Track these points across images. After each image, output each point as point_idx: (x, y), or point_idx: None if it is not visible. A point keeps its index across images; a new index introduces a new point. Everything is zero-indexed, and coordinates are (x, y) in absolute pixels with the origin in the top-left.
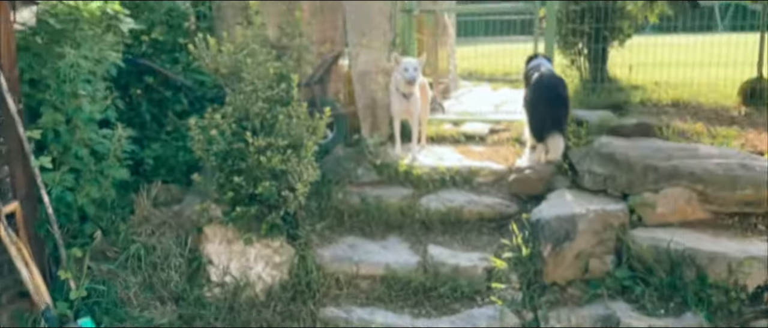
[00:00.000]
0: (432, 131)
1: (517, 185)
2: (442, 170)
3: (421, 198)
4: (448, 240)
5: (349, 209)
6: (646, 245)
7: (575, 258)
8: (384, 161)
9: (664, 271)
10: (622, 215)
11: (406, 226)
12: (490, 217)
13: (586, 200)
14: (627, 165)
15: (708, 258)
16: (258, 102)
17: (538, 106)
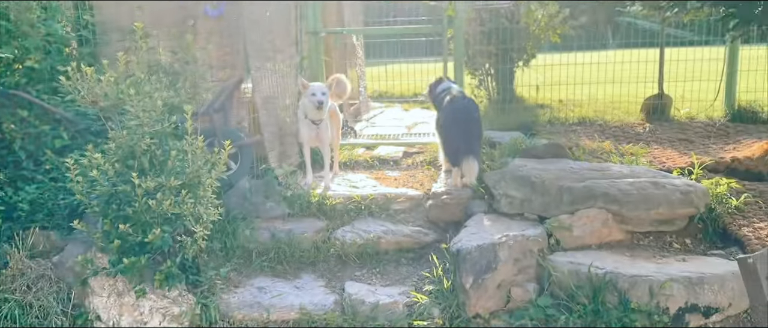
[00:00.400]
0: (345, 157)
1: (434, 211)
2: (357, 198)
3: (336, 230)
4: (367, 274)
5: (258, 246)
6: (567, 270)
7: (497, 288)
8: (295, 193)
9: (587, 297)
10: (541, 240)
11: (321, 262)
12: (409, 247)
13: (505, 225)
14: (542, 187)
15: (629, 282)
16: (145, 138)
17: (451, 129)
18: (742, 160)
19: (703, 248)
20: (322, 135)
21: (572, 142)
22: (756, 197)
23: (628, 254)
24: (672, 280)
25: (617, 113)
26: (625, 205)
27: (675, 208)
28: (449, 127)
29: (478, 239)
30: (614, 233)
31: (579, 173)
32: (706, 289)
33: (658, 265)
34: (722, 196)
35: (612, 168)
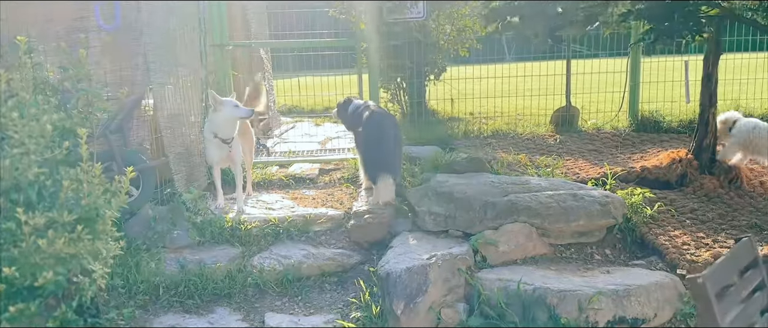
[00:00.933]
0: (258, 176)
1: (357, 231)
2: (274, 221)
3: (253, 257)
4: (288, 304)
5: (166, 280)
6: (496, 287)
7: (428, 311)
8: (205, 218)
9: (517, 315)
10: (468, 258)
11: (237, 293)
12: (332, 271)
13: (431, 243)
14: (466, 203)
15: (558, 297)
16: (32, 167)
17: (371, 146)
18: (651, 170)
19: (624, 258)
20: (233, 155)
21: (490, 155)
22: (668, 205)
23: (554, 268)
24: (600, 293)
25: (528, 125)
26: (547, 218)
27: (594, 219)
28: (369, 144)
29: (406, 261)
30: (538, 246)
31: (501, 187)
32: (632, 301)
33: (585, 278)
34: (637, 205)
35: (531, 181)
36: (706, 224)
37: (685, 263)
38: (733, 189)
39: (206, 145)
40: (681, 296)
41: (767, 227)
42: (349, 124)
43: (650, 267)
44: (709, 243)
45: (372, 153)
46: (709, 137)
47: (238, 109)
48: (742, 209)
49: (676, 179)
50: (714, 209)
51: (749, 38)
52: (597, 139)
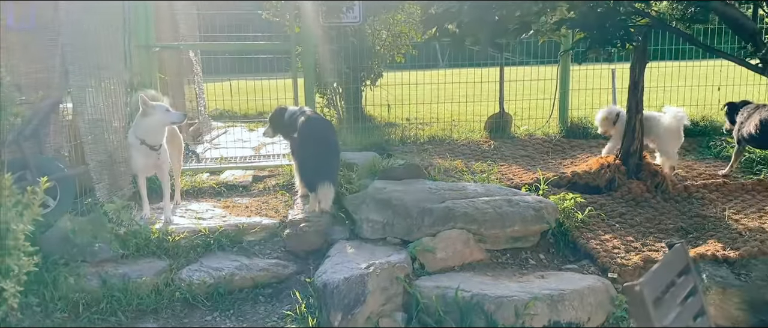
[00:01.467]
0: (187, 184)
1: (293, 240)
2: (205, 231)
3: (181, 270)
4: (219, 318)
5: (86, 296)
6: (434, 295)
7: (366, 321)
8: (130, 229)
9: (455, 322)
10: (406, 265)
11: (165, 308)
12: (267, 282)
13: (369, 251)
14: (404, 210)
15: (495, 303)
16: None
17: (307, 153)
18: (581, 175)
19: (558, 263)
20: (161, 162)
21: (426, 161)
22: (597, 209)
23: (491, 274)
24: (535, 299)
25: (463, 131)
26: (484, 224)
27: (529, 224)
28: (305, 150)
29: (344, 271)
30: (475, 253)
31: (438, 194)
32: (567, 305)
33: (520, 284)
34: (569, 210)
35: (468, 187)
36: (635, 228)
37: (615, 266)
38: (659, 193)
39: (131, 152)
40: (613, 300)
41: (692, 230)
42: (285, 130)
43: (583, 271)
44: (638, 247)
45: (309, 159)
46: (635, 143)
47: (170, 114)
48: (668, 212)
49: (605, 184)
50: (641, 213)
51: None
52: (529, 145)
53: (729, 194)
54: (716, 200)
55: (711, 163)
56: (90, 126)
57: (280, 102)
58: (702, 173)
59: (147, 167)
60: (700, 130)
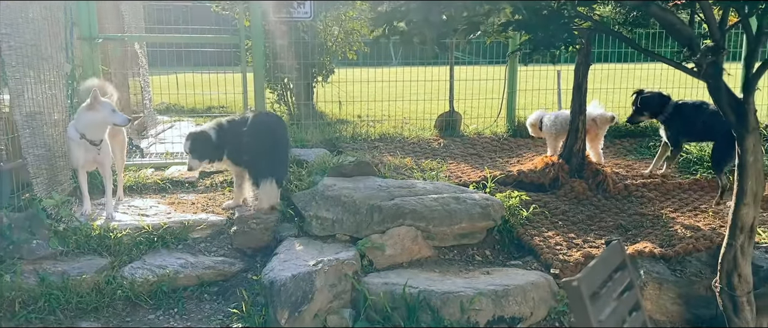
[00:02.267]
0: (130, 179)
1: (240, 238)
2: (148, 228)
3: (123, 268)
4: (163, 317)
5: (23, 295)
6: (382, 292)
7: (313, 319)
8: (69, 226)
9: (402, 318)
10: (355, 262)
11: (106, 307)
12: (213, 280)
13: (317, 249)
14: (353, 207)
15: (441, 299)
16: None
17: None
18: (527, 173)
19: (502, 259)
20: (102, 157)
21: (377, 158)
22: (542, 207)
23: (438, 270)
24: (480, 294)
25: (414, 129)
26: (432, 221)
27: (476, 221)
28: (252, 146)
29: (292, 268)
30: (423, 249)
31: (387, 191)
32: (510, 301)
33: (466, 279)
34: (515, 208)
35: (417, 185)
36: (577, 225)
37: (558, 262)
38: (600, 192)
39: (71, 147)
40: (554, 295)
41: (632, 227)
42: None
43: (526, 267)
44: (580, 243)
45: (257, 156)
46: (578, 143)
47: (115, 115)
48: (609, 210)
49: (549, 182)
50: (583, 210)
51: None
52: (478, 144)
53: (667, 192)
54: (654, 199)
55: (650, 162)
56: (28, 119)
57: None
58: (641, 173)
59: (87, 161)
60: (641, 130)
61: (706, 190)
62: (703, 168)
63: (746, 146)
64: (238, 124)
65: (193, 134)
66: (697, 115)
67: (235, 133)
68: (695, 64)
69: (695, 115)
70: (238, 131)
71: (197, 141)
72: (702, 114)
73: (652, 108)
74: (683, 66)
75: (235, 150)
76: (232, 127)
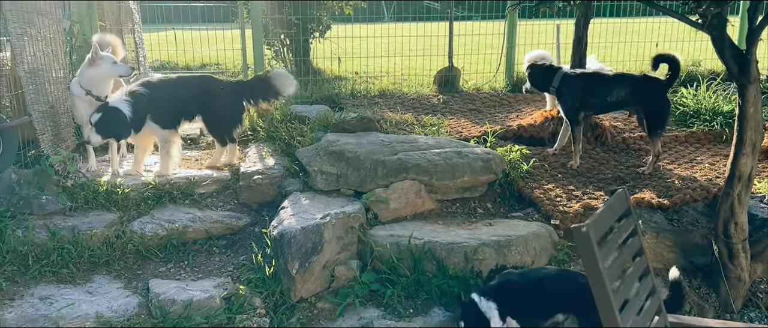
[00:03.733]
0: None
1: (246, 193)
2: (155, 184)
3: (132, 222)
4: (174, 269)
5: (35, 249)
6: (388, 243)
7: (322, 269)
8: (77, 182)
9: (408, 268)
10: (361, 215)
11: (117, 260)
12: (221, 233)
13: (323, 203)
14: (357, 162)
15: (446, 250)
16: None
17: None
18: (526, 128)
19: (504, 211)
20: None
21: (378, 114)
22: (541, 160)
23: (441, 222)
24: (484, 245)
25: (413, 85)
26: (435, 175)
27: (478, 175)
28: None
29: (300, 221)
30: (427, 203)
31: (390, 146)
32: (513, 250)
33: (470, 231)
34: (515, 161)
35: (419, 140)
36: (576, 178)
37: (558, 213)
38: (598, 145)
39: (76, 104)
40: (555, 245)
41: (630, 179)
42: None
43: (527, 219)
44: (579, 195)
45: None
46: None
47: (117, 66)
48: (607, 163)
49: (548, 136)
50: (582, 163)
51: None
52: (477, 99)
53: (664, 145)
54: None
55: None
56: (30, 75)
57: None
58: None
59: (85, 116)
60: None
61: (703, 142)
62: (699, 121)
63: (747, 97)
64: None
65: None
66: (592, 85)
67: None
68: (700, 16)
69: (590, 86)
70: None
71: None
72: (597, 83)
73: (541, 82)
74: (687, 18)
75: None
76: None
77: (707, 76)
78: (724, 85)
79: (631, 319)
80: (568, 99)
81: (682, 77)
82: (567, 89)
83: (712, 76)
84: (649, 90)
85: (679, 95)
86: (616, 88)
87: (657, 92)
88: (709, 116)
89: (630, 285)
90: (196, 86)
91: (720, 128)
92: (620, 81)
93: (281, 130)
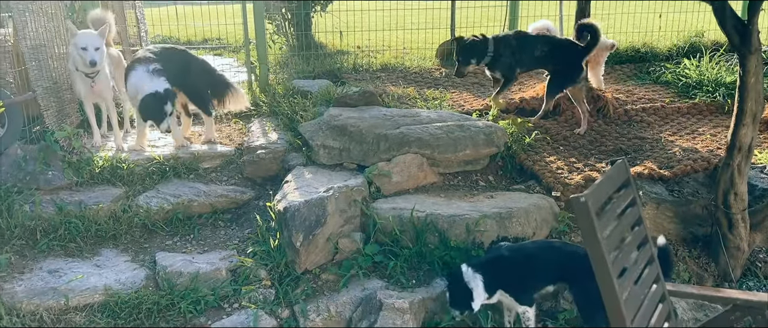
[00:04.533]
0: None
1: (250, 167)
2: (159, 159)
3: (138, 197)
4: (180, 243)
5: (43, 223)
6: (390, 216)
7: (326, 242)
8: (82, 157)
9: (410, 240)
10: (363, 189)
11: (123, 234)
12: (226, 207)
13: (326, 176)
14: (360, 136)
15: (448, 222)
16: None
17: None
18: (529, 101)
19: (506, 184)
20: (101, 89)
21: (380, 88)
22: (543, 133)
23: (443, 195)
24: (485, 216)
25: (415, 59)
26: (437, 148)
27: (480, 148)
28: None
29: (304, 194)
30: (429, 176)
31: (393, 120)
32: (514, 222)
33: (471, 203)
34: (517, 134)
35: (421, 114)
36: (578, 150)
37: (559, 185)
38: (600, 117)
39: (74, 79)
40: (556, 216)
41: (631, 151)
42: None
43: (529, 191)
44: (581, 167)
45: None
46: None
47: (85, 51)
48: (609, 135)
49: (550, 109)
50: (584, 135)
51: None
52: (479, 72)
53: (666, 117)
54: (654, 123)
55: (650, 87)
56: (33, 51)
57: (228, 28)
58: (641, 98)
59: (88, 94)
60: (641, 56)
61: (705, 113)
62: (702, 92)
63: (748, 67)
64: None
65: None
66: (522, 43)
67: None
68: None
69: (520, 44)
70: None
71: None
72: (525, 42)
73: (479, 53)
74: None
75: None
76: None
77: (710, 48)
78: (727, 56)
79: (628, 286)
80: (506, 58)
81: (685, 48)
82: (504, 50)
83: (716, 47)
84: (566, 53)
85: (681, 66)
86: (539, 45)
87: (572, 56)
88: (712, 88)
89: (628, 254)
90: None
91: (722, 99)
92: (544, 41)
93: (284, 104)
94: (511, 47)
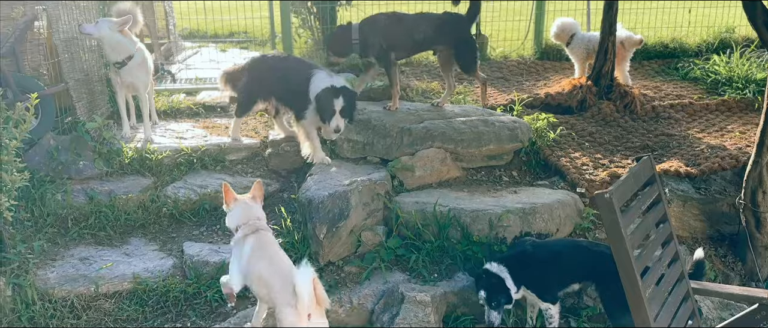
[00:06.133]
0: (164, 104)
1: (275, 160)
2: (187, 150)
3: (166, 187)
4: (206, 233)
5: (74, 212)
6: (413, 210)
7: (349, 234)
8: (112, 148)
9: (433, 234)
10: (386, 183)
11: (152, 223)
12: None
13: (350, 170)
14: (383, 130)
15: (470, 217)
16: None
17: None
18: (554, 96)
19: (529, 179)
20: (133, 80)
21: (404, 83)
22: (569, 129)
23: (467, 190)
24: (508, 212)
25: None
26: (460, 143)
27: (504, 143)
28: None
29: (328, 187)
30: (452, 170)
31: (417, 114)
32: (537, 218)
33: (494, 198)
34: (542, 130)
35: (445, 108)
36: (603, 146)
37: (584, 182)
38: (627, 113)
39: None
40: (580, 212)
41: (658, 147)
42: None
43: (553, 187)
44: (606, 163)
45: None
46: (607, 64)
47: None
48: (635, 131)
49: (576, 105)
50: (610, 132)
51: None
52: (504, 67)
53: (694, 113)
54: (682, 120)
55: (678, 84)
56: (66, 44)
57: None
58: (669, 94)
59: (119, 84)
60: (670, 52)
61: (734, 110)
62: (731, 89)
63: None
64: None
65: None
66: (394, 25)
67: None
68: None
69: (392, 26)
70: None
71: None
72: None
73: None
74: None
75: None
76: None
77: (741, 44)
78: (758, 52)
79: (652, 284)
80: (374, 42)
81: (715, 44)
82: (370, 32)
83: (746, 43)
84: (453, 26)
85: (711, 63)
86: (421, 26)
87: (460, 28)
88: (742, 84)
89: (652, 251)
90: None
91: (752, 96)
92: (424, 19)
93: None
94: (378, 30)
